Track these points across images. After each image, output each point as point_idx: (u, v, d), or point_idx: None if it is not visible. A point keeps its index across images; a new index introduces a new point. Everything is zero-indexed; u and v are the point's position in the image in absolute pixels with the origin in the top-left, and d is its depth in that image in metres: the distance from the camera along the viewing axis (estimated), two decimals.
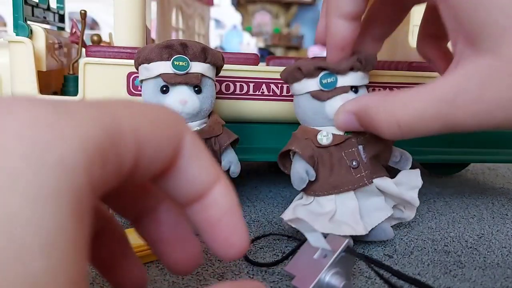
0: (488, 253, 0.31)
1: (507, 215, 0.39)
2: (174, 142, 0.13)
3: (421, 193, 0.45)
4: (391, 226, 0.31)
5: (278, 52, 2.23)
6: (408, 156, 0.32)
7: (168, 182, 0.14)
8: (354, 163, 0.29)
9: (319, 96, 0.29)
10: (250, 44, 1.84)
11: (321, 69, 0.29)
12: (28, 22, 0.39)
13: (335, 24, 0.26)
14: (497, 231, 0.35)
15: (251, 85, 0.39)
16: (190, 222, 0.16)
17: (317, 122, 0.30)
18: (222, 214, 0.15)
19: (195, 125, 0.31)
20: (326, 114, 0.29)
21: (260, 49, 1.91)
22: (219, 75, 0.34)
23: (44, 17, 0.45)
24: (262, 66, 0.39)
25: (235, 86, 0.39)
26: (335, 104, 0.29)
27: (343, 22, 0.26)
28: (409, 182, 0.30)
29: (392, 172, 0.32)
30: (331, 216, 0.29)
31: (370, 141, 0.30)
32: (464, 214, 0.39)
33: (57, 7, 0.51)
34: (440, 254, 0.30)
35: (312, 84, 0.29)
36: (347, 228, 0.28)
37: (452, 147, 0.43)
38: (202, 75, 0.31)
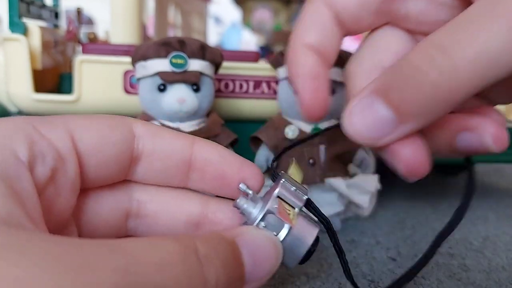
0: (493, 256, 0.30)
1: None
2: (120, 134, 0.16)
3: (425, 194, 0.45)
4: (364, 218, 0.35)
5: (279, 49, 2.20)
6: (368, 162, 0.34)
7: (148, 166, 0.16)
8: (311, 161, 0.32)
9: None
10: (250, 42, 1.83)
11: None
12: (24, 20, 0.38)
13: (301, 53, 0.18)
14: (503, 233, 0.34)
15: (251, 83, 0.38)
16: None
17: (290, 115, 0.33)
18: (221, 164, 0.17)
19: (193, 124, 0.31)
20: (298, 109, 0.31)
21: (260, 47, 1.90)
22: (218, 73, 0.34)
23: (40, 14, 0.45)
24: (262, 63, 0.38)
25: (234, 84, 0.38)
26: None
27: (309, 52, 0.18)
28: (362, 186, 0.32)
29: None
30: None
31: (333, 141, 0.33)
32: (469, 216, 0.38)
33: (53, 4, 0.50)
34: (444, 257, 0.30)
35: None
36: None
37: None
38: (201, 73, 0.30)
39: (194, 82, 0.29)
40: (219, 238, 0.14)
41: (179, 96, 0.29)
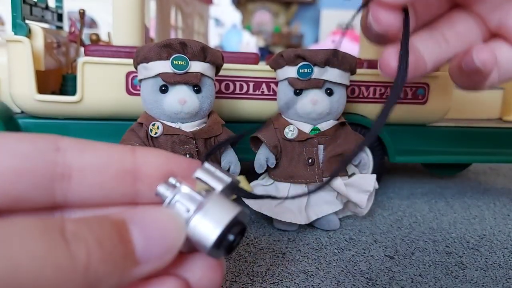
0: (490, 254, 0.31)
1: (508, 215, 0.39)
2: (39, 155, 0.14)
3: (422, 194, 0.45)
4: (356, 216, 0.36)
5: (278, 51, 2.19)
6: (366, 162, 0.35)
7: (81, 182, 0.15)
8: (310, 160, 0.33)
9: (295, 83, 0.32)
10: (250, 43, 1.83)
11: (300, 57, 0.32)
12: (27, 21, 0.38)
13: None
14: (499, 231, 0.35)
15: (251, 84, 0.39)
16: None
17: (289, 115, 0.33)
18: (169, 165, 0.16)
19: (194, 125, 0.31)
20: (296, 110, 0.33)
21: (260, 48, 1.90)
22: (219, 74, 0.34)
23: (43, 16, 0.45)
24: (262, 65, 0.39)
25: (235, 85, 0.39)
26: (305, 103, 0.32)
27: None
28: (360, 186, 0.33)
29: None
30: (281, 201, 0.33)
31: (332, 142, 0.33)
32: (466, 215, 0.39)
33: (56, 6, 0.51)
34: (441, 255, 0.30)
35: (291, 71, 0.32)
36: (290, 215, 0.32)
37: (453, 147, 0.43)
38: (202, 74, 0.30)
39: (195, 83, 0.30)
40: (100, 218, 0.13)
41: (180, 97, 0.30)
